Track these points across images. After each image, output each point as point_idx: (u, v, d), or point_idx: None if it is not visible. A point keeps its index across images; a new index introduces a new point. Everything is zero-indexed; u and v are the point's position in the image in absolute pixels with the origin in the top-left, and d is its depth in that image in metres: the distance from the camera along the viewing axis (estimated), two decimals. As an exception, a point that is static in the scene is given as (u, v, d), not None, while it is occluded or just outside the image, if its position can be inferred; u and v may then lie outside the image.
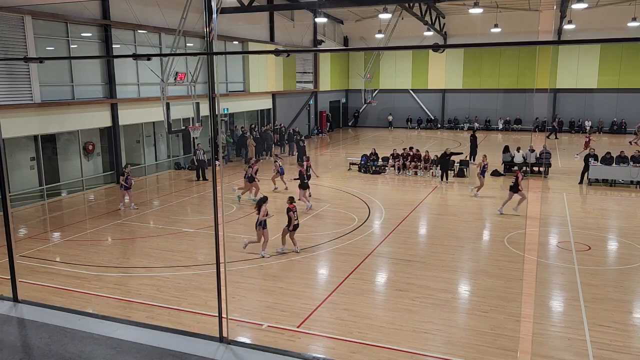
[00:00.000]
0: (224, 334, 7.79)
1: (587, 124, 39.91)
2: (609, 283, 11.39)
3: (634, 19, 32.16)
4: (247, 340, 8.75)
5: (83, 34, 20.97)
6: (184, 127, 23.79)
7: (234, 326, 9.16)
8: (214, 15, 9.59)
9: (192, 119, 23.65)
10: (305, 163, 18.93)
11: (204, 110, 23.52)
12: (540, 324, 9.43)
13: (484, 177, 19.72)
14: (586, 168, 21.71)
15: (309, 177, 18.54)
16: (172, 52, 21.70)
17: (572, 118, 40.71)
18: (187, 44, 26.32)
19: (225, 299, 7.91)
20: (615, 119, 39.21)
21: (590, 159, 21.66)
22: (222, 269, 7.85)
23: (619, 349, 8.51)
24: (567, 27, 32.54)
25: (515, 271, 12.04)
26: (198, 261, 13.03)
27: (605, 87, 39.25)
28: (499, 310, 9.97)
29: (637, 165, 21.12)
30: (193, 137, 24.23)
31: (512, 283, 11.28)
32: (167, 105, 21.42)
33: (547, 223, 16.19)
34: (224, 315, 7.81)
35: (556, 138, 37.65)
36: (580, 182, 21.83)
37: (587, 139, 28.64)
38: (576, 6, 26.68)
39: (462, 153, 25.10)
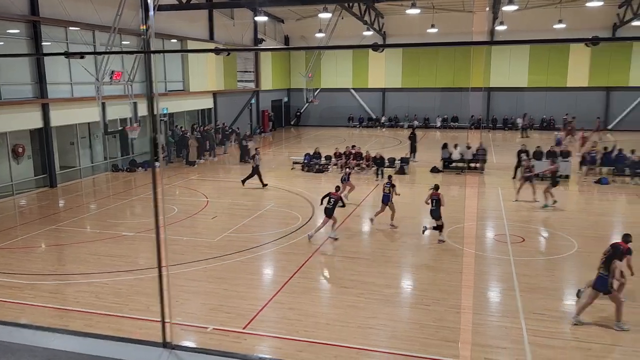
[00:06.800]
0: (168, 339, 7.58)
1: (519, 121, 41.50)
2: (541, 272, 11.98)
3: (560, 22, 33.88)
4: (192, 344, 8.61)
5: (9, 31, 19.89)
6: (121, 128, 23.02)
7: (178, 330, 8.99)
8: (151, 13, 9.36)
9: (130, 119, 22.93)
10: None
11: (142, 110, 22.85)
12: (479, 314, 9.79)
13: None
14: (518, 163, 22.70)
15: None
16: (107, 50, 20.95)
17: (505, 115, 42.43)
18: (123, 42, 25.47)
19: (169, 302, 7.72)
20: (544, 116, 41.19)
21: (522, 154, 22.65)
22: (164, 272, 7.67)
23: (552, 335, 8.98)
24: (499, 28, 33.89)
25: (455, 264, 12.45)
26: (139, 265, 12.66)
27: (534, 85, 41.20)
28: (440, 303, 10.27)
29: (565, 160, 22.35)
30: (131, 139, 23.48)
31: (452, 276, 11.66)
32: (103, 105, 20.66)
33: (484, 217, 16.83)
34: (167, 319, 7.63)
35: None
36: (514, 177, 22.79)
37: (583, 136, 28.23)
38: (507, 8, 27.84)
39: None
